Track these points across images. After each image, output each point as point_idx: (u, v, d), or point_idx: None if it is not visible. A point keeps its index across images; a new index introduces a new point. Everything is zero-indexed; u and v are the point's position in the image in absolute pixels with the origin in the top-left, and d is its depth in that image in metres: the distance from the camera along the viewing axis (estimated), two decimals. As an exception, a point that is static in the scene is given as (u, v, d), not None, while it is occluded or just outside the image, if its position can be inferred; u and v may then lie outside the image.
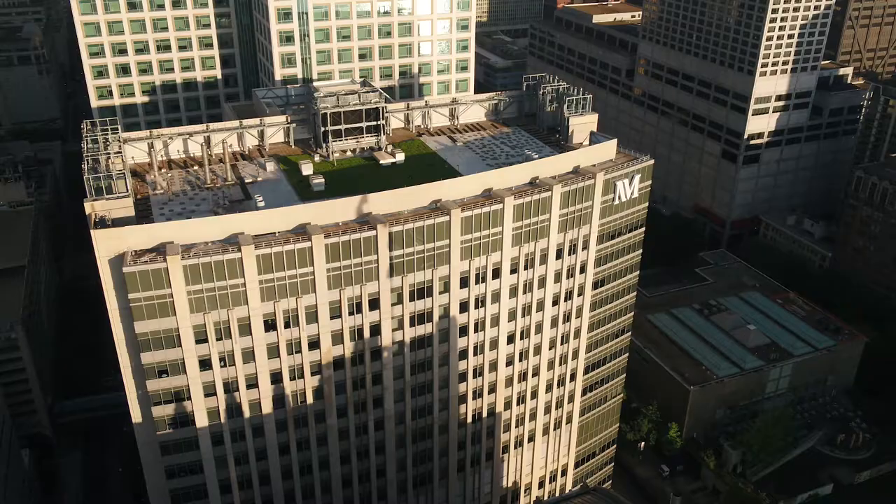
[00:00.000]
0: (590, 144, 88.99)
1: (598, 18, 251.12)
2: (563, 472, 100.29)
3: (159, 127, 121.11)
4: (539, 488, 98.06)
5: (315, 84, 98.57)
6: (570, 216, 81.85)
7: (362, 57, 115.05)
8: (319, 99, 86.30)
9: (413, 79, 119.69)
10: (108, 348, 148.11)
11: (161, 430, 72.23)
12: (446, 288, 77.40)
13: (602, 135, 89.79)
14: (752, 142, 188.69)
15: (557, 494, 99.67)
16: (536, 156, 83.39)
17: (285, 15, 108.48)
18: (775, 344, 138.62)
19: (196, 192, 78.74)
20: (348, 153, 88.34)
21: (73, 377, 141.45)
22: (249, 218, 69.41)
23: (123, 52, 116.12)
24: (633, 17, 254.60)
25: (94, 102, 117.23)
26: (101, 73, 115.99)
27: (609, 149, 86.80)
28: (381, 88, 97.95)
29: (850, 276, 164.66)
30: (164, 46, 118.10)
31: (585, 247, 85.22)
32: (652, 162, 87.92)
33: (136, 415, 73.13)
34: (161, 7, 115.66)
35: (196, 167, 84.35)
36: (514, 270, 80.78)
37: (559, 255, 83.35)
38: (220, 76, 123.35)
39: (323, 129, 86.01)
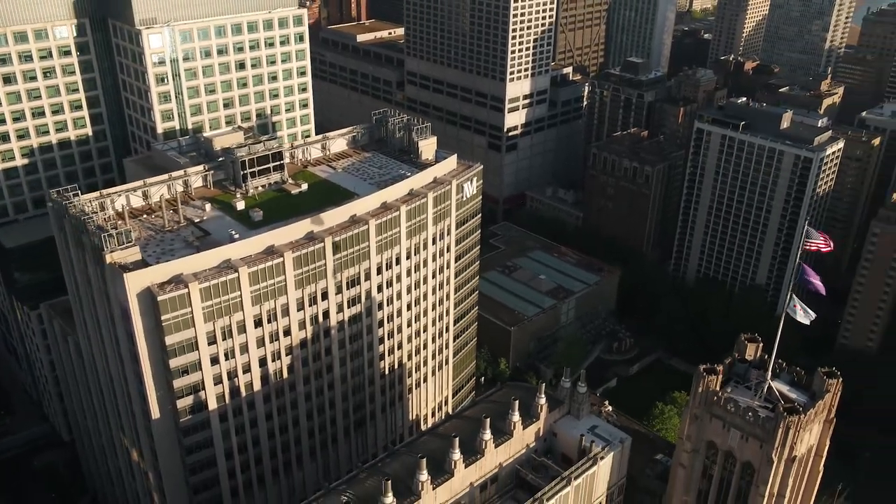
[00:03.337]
0: (435, 160, 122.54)
1: (361, 38, 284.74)
2: (446, 402, 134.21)
3: (39, 185, 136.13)
4: (432, 416, 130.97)
5: (205, 135, 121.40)
6: (439, 212, 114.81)
7: (226, 106, 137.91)
8: (236, 149, 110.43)
9: (267, 119, 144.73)
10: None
11: (183, 417, 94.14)
12: (367, 276, 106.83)
13: (443, 151, 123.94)
14: (511, 133, 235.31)
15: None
16: (409, 174, 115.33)
17: (161, 79, 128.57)
18: (561, 287, 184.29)
19: (161, 234, 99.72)
20: (259, 188, 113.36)
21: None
22: (234, 247, 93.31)
23: (2, 121, 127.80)
24: (390, 34, 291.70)
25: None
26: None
27: (452, 161, 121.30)
28: (240, 127, 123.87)
29: (599, 228, 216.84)
30: (38, 113, 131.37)
31: (448, 233, 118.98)
32: (481, 167, 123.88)
33: (155, 412, 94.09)
34: (34, 79, 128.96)
35: (144, 216, 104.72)
36: (408, 257, 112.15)
37: (434, 240, 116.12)
38: (90, 133, 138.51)
39: (242, 171, 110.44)
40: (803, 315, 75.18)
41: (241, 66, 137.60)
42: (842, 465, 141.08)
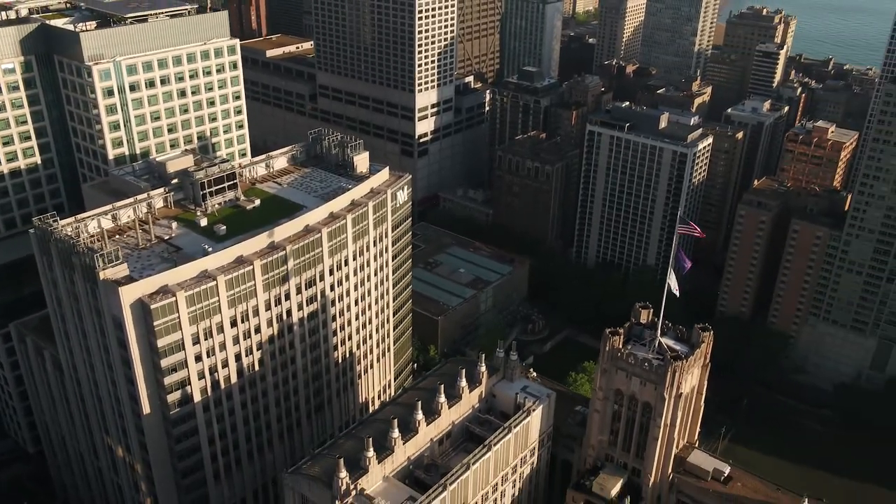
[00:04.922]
0: (370, 173, 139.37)
1: (270, 53, 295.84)
2: (389, 386, 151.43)
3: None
4: (378, 398, 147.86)
5: (158, 159, 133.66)
6: (377, 217, 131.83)
7: (170, 130, 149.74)
8: (194, 172, 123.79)
9: (207, 140, 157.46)
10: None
11: (172, 409, 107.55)
12: (322, 277, 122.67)
13: (375, 164, 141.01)
14: (422, 140, 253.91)
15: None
16: (349, 186, 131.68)
17: (111, 109, 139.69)
18: (479, 278, 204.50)
19: (137, 252, 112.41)
20: (217, 206, 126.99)
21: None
22: (209, 259, 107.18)
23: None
24: (297, 48, 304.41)
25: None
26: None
27: (385, 173, 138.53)
28: (189, 151, 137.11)
29: (507, 223, 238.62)
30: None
31: (387, 234, 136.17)
32: (410, 177, 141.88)
33: (146, 408, 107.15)
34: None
35: (116, 236, 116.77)
36: (354, 258, 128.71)
37: (375, 242, 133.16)
38: (39, 161, 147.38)
39: (202, 192, 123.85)
40: (675, 289, 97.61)
41: (183, 93, 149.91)
42: (725, 412, 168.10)
